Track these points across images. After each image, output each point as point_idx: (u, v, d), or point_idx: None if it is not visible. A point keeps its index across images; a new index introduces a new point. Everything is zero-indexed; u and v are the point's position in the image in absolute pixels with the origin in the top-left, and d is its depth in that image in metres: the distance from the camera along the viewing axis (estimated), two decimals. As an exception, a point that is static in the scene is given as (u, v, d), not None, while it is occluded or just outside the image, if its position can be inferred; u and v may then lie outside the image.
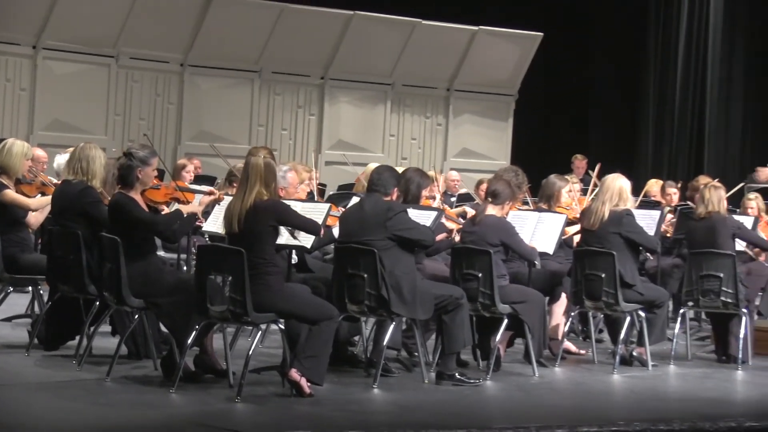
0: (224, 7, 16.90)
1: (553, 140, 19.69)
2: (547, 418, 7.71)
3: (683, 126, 20.16)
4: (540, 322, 9.34)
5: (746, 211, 11.84)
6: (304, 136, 18.14)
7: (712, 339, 10.79)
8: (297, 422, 7.09)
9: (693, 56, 20.12)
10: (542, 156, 17.93)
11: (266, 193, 7.98)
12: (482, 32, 18.97)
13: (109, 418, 7.12)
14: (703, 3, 20.04)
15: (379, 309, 8.54)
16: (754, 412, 8.38)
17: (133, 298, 8.29)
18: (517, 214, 9.93)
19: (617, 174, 10.15)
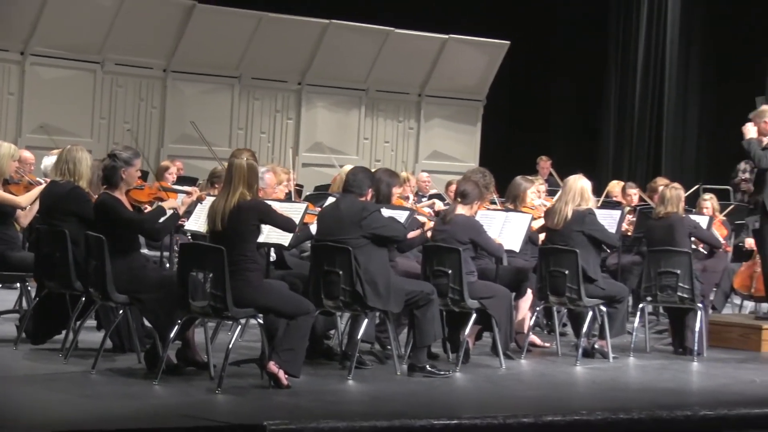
0: (205, 15, 16.88)
1: (519, 143, 19.72)
2: (514, 408, 7.73)
3: (642, 131, 20.22)
4: (507, 316, 9.35)
5: (701, 211, 11.92)
6: (282, 139, 18.13)
7: (670, 332, 10.83)
8: (275, 412, 7.07)
9: (651, 66, 20.19)
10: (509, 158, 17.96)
11: (249, 194, 7.98)
12: (452, 40, 19.00)
13: (94, 409, 7.09)
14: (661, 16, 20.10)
15: (354, 304, 8.54)
16: (709, 401, 8.40)
17: (117, 294, 8.28)
18: (485, 214, 9.95)
19: (579, 175, 10.18)
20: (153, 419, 6.85)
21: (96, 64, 16.48)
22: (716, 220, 11.98)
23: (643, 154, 20.24)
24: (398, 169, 14.81)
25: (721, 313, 11.82)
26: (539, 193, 11.17)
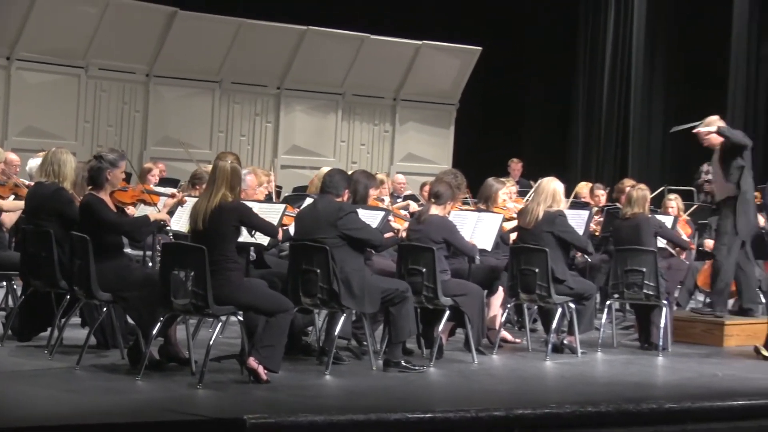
0: (186, 22, 16.85)
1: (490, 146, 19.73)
2: (486, 402, 7.73)
3: (609, 134, 20.29)
4: (479, 313, 9.36)
5: (667, 211, 11.96)
6: (261, 141, 18.12)
7: (636, 328, 10.86)
8: (255, 407, 7.07)
9: (618, 71, 20.26)
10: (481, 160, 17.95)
11: (231, 196, 7.98)
12: (426, 46, 19.01)
13: (79, 404, 7.07)
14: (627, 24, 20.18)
15: (331, 302, 8.54)
16: (674, 394, 8.43)
17: (101, 292, 8.25)
18: (457, 214, 9.96)
19: (552, 177, 10.21)
20: (136, 413, 6.84)
21: (80, 69, 16.43)
22: (681, 219, 12.03)
23: (610, 156, 20.32)
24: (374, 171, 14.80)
25: (685, 310, 11.86)
26: (510, 195, 11.19)
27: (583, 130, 20.60)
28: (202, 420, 6.66)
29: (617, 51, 20.28)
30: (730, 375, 9.32)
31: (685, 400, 7.99)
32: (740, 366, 9.80)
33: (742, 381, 9.04)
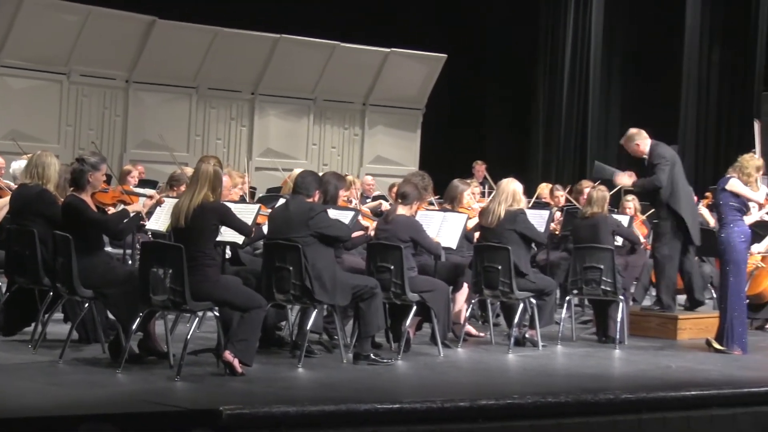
0: (165, 30, 16.81)
1: (455, 149, 19.78)
2: (451, 393, 7.74)
3: (568, 138, 20.36)
4: (445, 308, 9.38)
5: (624, 211, 12.01)
6: (236, 144, 18.10)
7: (594, 322, 10.90)
8: (230, 398, 7.05)
9: (576, 77, 20.34)
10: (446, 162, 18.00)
11: (212, 196, 7.99)
12: (394, 54, 19.03)
13: (61, 396, 7.04)
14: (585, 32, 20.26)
15: (303, 297, 8.53)
16: (630, 385, 8.46)
17: (83, 289, 8.22)
18: (424, 214, 9.97)
19: (511, 178, 10.25)
20: (116, 405, 6.81)
21: (63, 75, 16.38)
22: (637, 219, 12.08)
23: (570, 159, 20.39)
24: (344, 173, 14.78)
25: (641, 305, 11.91)
26: (474, 195, 11.21)
27: (543, 133, 20.67)
28: (179, 411, 6.65)
29: (576, 58, 20.37)
30: (683, 366, 9.37)
31: (640, 391, 8.03)
32: (692, 358, 9.84)
33: (694, 372, 9.08)
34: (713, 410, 7.96)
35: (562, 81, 20.40)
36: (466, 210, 10.53)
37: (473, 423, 7.12)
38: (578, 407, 7.55)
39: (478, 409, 7.20)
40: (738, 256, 10.06)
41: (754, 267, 11.43)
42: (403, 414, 6.96)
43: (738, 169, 10.19)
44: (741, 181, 10.09)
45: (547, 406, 7.45)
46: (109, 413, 6.35)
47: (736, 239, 10.03)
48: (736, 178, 10.08)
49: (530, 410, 7.37)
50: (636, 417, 7.66)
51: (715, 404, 8.01)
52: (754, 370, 9.38)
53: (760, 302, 11.56)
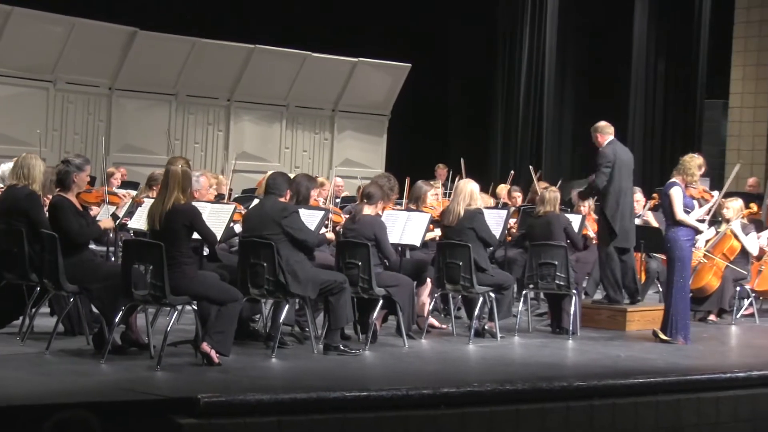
0: (146, 40, 16.75)
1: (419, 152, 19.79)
2: (415, 381, 7.75)
3: (525, 142, 20.43)
4: (409, 302, 9.38)
5: (578, 209, 12.05)
6: (213, 148, 18.04)
7: (549, 315, 10.93)
8: (208, 387, 7.03)
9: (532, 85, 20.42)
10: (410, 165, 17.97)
11: (183, 198, 7.94)
12: (361, 63, 19.03)
13: (48, 385, 7.00)
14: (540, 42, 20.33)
15: (276, 292, 8.52)
16: (582, 373, 8.48)
17: (68, 284, 8.19)
18: (390, 213, 9.97)
19: (468, 179, 10.31)
20: (100, 393, 6.79)
21: (49, 82, 16.29)
22: (589, 217, 12.12)
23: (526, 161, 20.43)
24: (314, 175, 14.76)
25: (592, 298, 11.96)
26: (437, 196, 11.23)
27: (501, 137, 20.73)
28: (160, 399, 6.63)
29: (531, 68, 20.44)
30: (631, 356, 9.41)
31: (591, 379, 8.06)
32: (640, 348, 9.89)
33: (642, 361, 9.12)
34: (659, 396, 8.01)
35: (519, 89, 20.46)
36: (430, 210, 10.54)
37: (436, 409, 7.13)
38: (534, 394, 7.58)
39: (441, 396, 7.22)
40: (683, 253, 10.12)
41: (697, 263, 11.51)
42: (371, 401, 6.96)
43: (681, 171, 10.25)
44: (685, 181, 10.16)
45: (505, 394, 7.47)
46: (94, 401, 6.32)
47: (682, 238, 10.10)
48: (678, 186, 10.12)
49: (489, 397, 7.40)
50: (588, 403, 7.69)
51: (660, 391, 8.06)
52: (696, 358, 9.44)
53: (702, 295, 11.65)
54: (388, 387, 7.25)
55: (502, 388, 7.51)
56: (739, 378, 8.53)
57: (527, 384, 7.69)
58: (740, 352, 10.56)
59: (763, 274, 12.24)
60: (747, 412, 8.35)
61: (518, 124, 20.43)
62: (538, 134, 20.33)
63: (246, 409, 6.56)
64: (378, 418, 6.91)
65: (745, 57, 17.74)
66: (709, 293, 11.74)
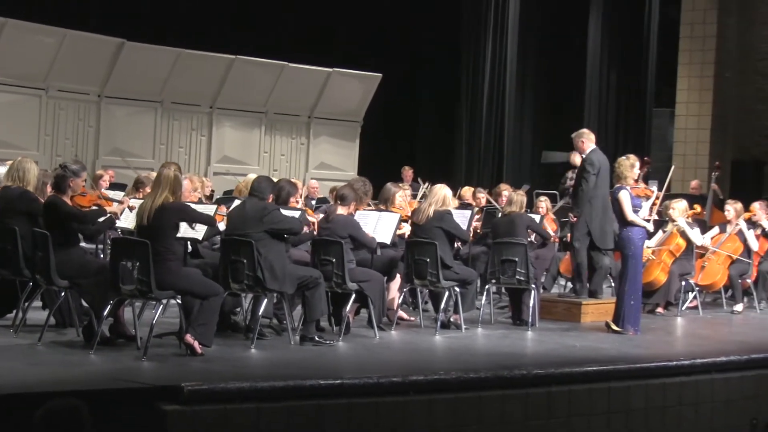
0: (133, 51, 16.67)
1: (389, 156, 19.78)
2: (386, 370, 7.75)
3: (488, 146, 20.46)
4: (380, 296, 9.38)
5: (537, 210, 12.10)
6: (196, 152, 17.97)
7: (510, 308, 10.95)
8: (191, 375, 7.00)
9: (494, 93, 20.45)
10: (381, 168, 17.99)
11: (172, 198, 7.94)
12: (335, 73, 19.01)
13: (40, 375, 6.96)
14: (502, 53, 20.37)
15: (256, 287, 8.50)
16: (540, 362, 8.51)
17: (59, 280, 8.16)
18: (362, 213, 9.97)
19: (443, 185, 10.32)
20: (90, 382, 6.75)
21: (42, 90, 16.17)
22: (547, 217, 12.18)
23: (489, 165, 20.49)
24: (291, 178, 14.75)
25: (550, 292, 11.99)
26: (406, 197, 11.23)
27: (466, 142, 20.75)
28: (146, 387, 6.60)
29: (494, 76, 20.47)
30: (586, 346, 9.44)
31: (549, 367, 8.09)
32: (594, 338, 9.92)
33: (596, 350, 9.16)
34: (611, 383, 8.05)
35: (482, 97, 20.49)
36: (399, 210, 10.55)
37: (405, 396, 7.13)
38: (496, 381, 7.59)
39: (409, 383, 7.22)
40: (635, 250, 10.17)
41: (647, 259, 11.56)
42: (344, 389, 6.96)
43: (617, 176, 10.33)
44: (623, 185, 10.20)
45: (469, 381, 7.48)
46: (83, 390, 6.28)
47: (635, 236, 10.15)
48: (625, 189, 10.17)
49: (454, 384, 7.40)
50: (546, 390, 7.71)
51: (612, 378, 8.10)
52: (645, 348, 9.48)
53: (651, 289, 11.70)
54: (360, 375, 7.24)
55: (467, 376, 7.52)
56: (684, 366, 8.58)
57: (490, 372, 7.70)
58: (685, 341, 10.63)
59: (706, 269, 12.36)
60: (691, 396, 8.41)
61: (481, 130, 20.46)
62: (499, 140, 20.37)
63: (227, 396, 6.53)
64: (351, 405, 6.90)
65: (690, 69, 17.85)
66: (657, 287, 11.80)
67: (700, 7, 17.63)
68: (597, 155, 10.98)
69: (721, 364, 8.74)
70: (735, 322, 11.77)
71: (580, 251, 10.98)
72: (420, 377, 7.32)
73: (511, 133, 20.35)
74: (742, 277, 12.50)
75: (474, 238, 11.59)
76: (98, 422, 4.31)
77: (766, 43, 17.73)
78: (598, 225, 10.83)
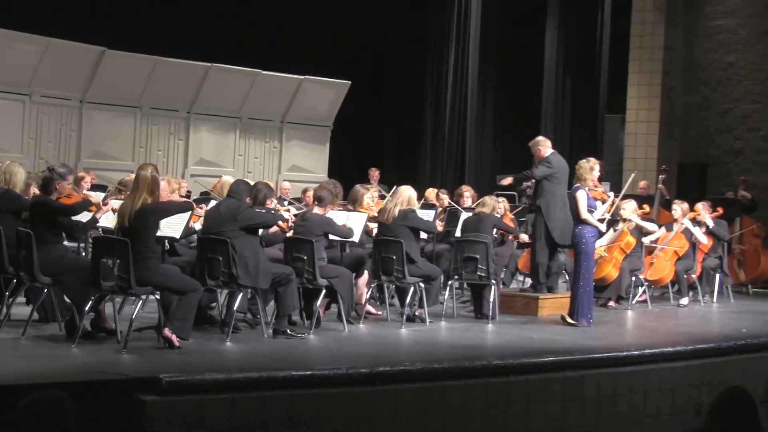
0: (113, 59, 16.55)
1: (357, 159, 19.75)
2: (354, 361, 7.74)
3: (451, 149, 20.48)
4: (349, 291, 9.38)
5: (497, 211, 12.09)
6: (174, 155, 17.86)
7: (471, 302, 10.99)
8: (169, 367, 6.96)
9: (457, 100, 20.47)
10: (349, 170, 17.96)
11: (150, 199, 7.89)
12: (307, 80, 18.97)
13: (25, 368, 6.90)
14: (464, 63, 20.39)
15: (231, 283, 8.48)
16: (500, 353, 8.55)
17: (43, 277, 8.10)
18: (332, 213, 9.95)
19: (408, 186, 10.36)
20: (72, 375, 6.70)
21: (26, 96, 16.02)
22: (506, 217, 12.21)
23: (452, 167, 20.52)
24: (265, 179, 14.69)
25: (509, 287, 12.03)
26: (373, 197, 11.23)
27: (430, 145, 20.76)
28: (126, 378, 6.56)
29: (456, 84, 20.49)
30: (542, 338, 9.49)
31: (508, 358, 8.12)
32: (550, 330, 9.97)
33: (552, 342, 9.20)
34: (566, 372, 8.09)
35: (446, 103, 20.51)
36: (366, 210, 10.54)
37: (373, 386, 7.14)
38: (458, 372, 7.61)
39: (377, 374, 7.22)
40: (588, 247, 10.23)
41: (599, 256, 11.63)
42: (315, 379, 6.95)
43: (577, 177, 10.40)
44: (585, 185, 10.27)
45: (433, 371, 7.49)
46: (66, 381, 6.23)
47: (587, 234, 10.20)
48: (582, 190, 10.24)
49: (419, 375, 7.41)
50: (505, 379, 7.74)
51: (567, 368, 8.14)
52: (597, 339, 9.54)
53: (603, 284, 11.78)
54: (330, 367, 7.23)
55: (430, 366, 7.53)
56: (633, 356, 8.65)
57: (452, 363, 7.72)
58: (635, 333, 10.70)
59: (655, 265, 12.44)
60: (640, 385, 8.47)
61: (444, 134, 20.47)
62: (462, 143, 20.40)
63: (203, 387, 6.51)
64: (321, 394, 6.89)
65: (639, 78, 17.95)
66: (609, 282, 11.88)
67: (648, 21, 17.75)
68: (555, 157, 11.04)
69: (668, 354, 8.82)
70: (681, 315, 11.86)
71: (539, 252, 11.01)
72: (387, 368, 7.32)
73: (473, 137, 20.38)
74: (688, 273, 12.60)
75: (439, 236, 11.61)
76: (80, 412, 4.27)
77: (709, 55, 17.89)
78: (558, 224, 10.88)
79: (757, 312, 12.25)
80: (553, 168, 10.91)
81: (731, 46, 17.60)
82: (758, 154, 17.25)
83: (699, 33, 17.95)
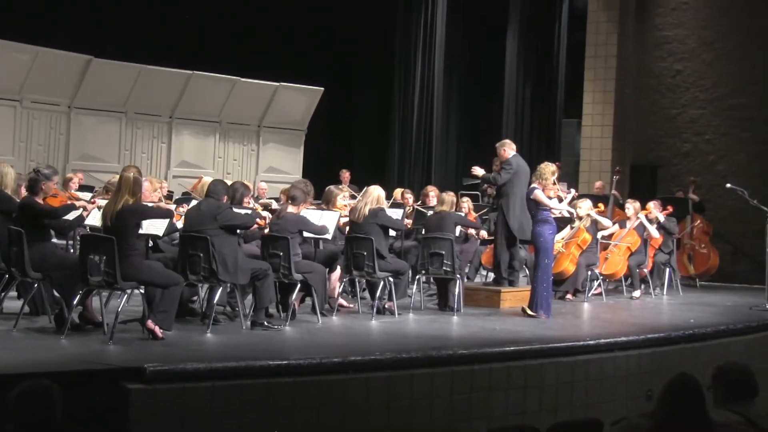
0: (100, 66, 16.45)
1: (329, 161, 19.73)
2: (327, 352, 7.73)
3: (418, 153, 20.49)
4: (322, 285, 9.38)
5: (460, 209, 12.16)
6: (157, 158, 17.77)
7: (437, 295, 11.00)
8: (153, 357, 6.93)
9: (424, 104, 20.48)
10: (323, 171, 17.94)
11: (132, 200, 7.84)
12: (282, 87, 18.93)
13: (16, 358, 6.84)
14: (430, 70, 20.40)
15: (211, 278, 8.46)
16: (465, 343, 8.56)
17: (33, 272, 8.06)
18: (306, 212, 9.94)
19: (377, 186, 10.35)
20: (61, 365, 6.65)
21: (16, 101, 15.89)
22: (470, 215, 12.24)
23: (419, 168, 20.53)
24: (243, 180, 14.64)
25: (473, 281, 12.05)
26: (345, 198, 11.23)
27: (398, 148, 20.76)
28: (112, 368, 6.52)
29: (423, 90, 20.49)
30: (505, 329, 9.51)
31: (472, 347, 8.14)
32: (512, 322, 10.01)
33: (513, 333, 9.23)
34: (527, 361, 8.12)
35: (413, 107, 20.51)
36: (339, 209, 10.54)
37: (345, 374, 7.14)
38: (425, 361, 7.62)
39: (348, 363, 7.22)
40: (547, 243, 10.27)
41: (557, 252, 11.69)
42: (290, 368, 6.94)
43: (538, 176, 10.44)
44: (541, 186, 10.33)
45: (402, 361, 7.50)
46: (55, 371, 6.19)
47: (546, 231, 10.25)
48: (539, 189, 10.30)
49: (388, 364, 7.42)
50: (469, 368, 7.76)
51: (528, 357, 8.17)
52: (555, 330, 9.58)
53: (561, 278, 11.84)
54: (304, 356, 7.23)
55: (399, 356, 7.54)
56: (589, 345, 8.69)
57: (420, 352, 7.73)
58: (591, 324, 10.75)
59: (609, 260, 12.52)
60: (596, 372, 8.52)
61: (412, 137, 20.49)
62: (428, 146, 20.42)
63: (185, 376, 6.48)
64: (296, 383, 6.88)
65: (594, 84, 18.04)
66: (567, 276, 11.94)
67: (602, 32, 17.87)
68: (516, 159, 11.09)
69: (622, 343, 8.87)
70: (633, 307, 11.95)
71: (500, 248, 11.05)
72: (358, 357, 7.33)
73: (439, 140, 20.41)
74: (640, 267, 12.71)
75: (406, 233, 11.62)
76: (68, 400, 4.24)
77: (659, 63, 18.02)
78: (517, 221, 10.93)
79: (704, 303, 12.37)
80: (513, 171, 10.95)
81: (679, 55, 17.74)
82: (704, 156, 17.41)
83: (649, 43, 18.09)
